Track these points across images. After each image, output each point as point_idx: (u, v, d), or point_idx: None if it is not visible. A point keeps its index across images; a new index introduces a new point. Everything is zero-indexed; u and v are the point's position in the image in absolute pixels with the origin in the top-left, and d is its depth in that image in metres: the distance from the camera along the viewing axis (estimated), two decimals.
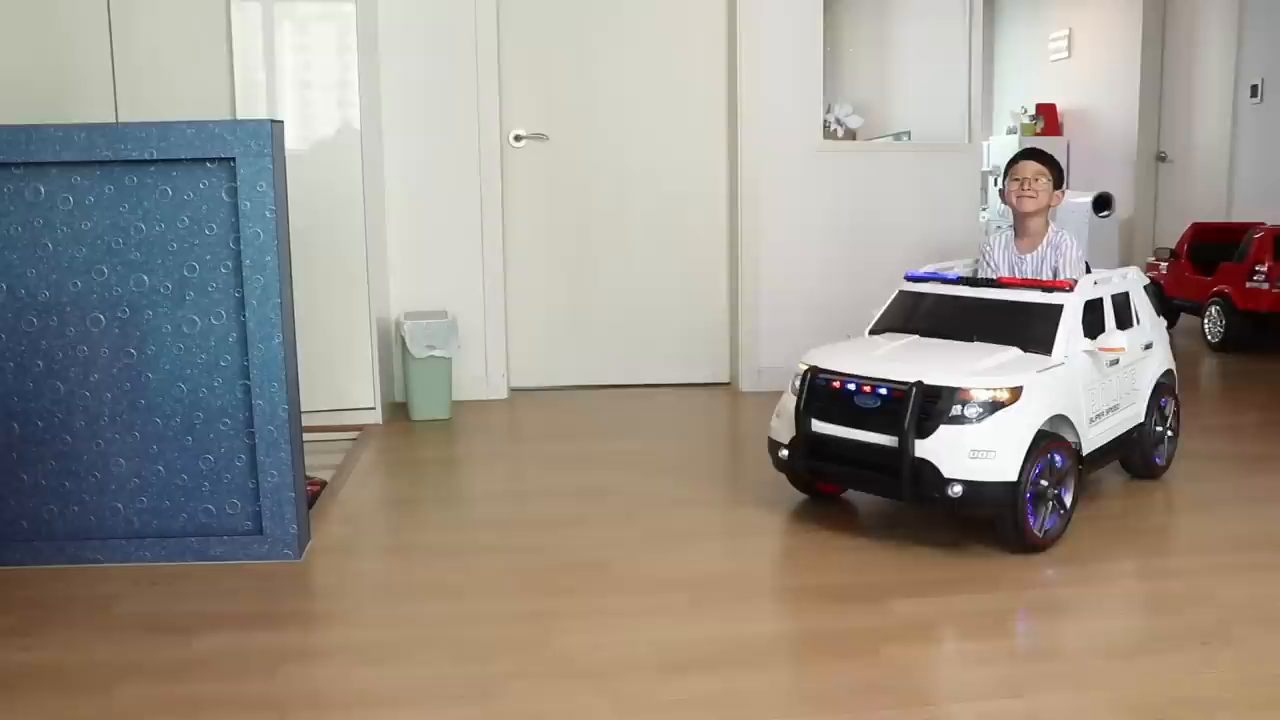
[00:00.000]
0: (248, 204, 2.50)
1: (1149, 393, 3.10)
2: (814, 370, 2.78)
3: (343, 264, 3.92)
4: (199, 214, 2.53)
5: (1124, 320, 3.00)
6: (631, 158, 4.57)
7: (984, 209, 8.63)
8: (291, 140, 3.81)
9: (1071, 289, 2.82)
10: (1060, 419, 2.69)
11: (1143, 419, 3.07)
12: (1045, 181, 3.10)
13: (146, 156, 2.48)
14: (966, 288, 2.98)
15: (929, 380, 2.58)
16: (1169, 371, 3.24)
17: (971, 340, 2.83)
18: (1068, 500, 2.67)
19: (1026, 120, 8.15)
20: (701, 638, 2.21)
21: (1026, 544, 2.58)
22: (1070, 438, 2.72)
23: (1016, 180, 3.12)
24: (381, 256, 4.21)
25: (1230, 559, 2.62)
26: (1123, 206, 7.33)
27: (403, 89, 4.28)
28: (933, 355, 2.76)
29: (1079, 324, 2.78)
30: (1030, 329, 2.78)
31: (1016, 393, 2.57)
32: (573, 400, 4.49)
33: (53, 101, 3.68)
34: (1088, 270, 3.14)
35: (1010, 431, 2.54)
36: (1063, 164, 3.29)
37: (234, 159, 2.49)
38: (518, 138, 4.46)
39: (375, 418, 4.02)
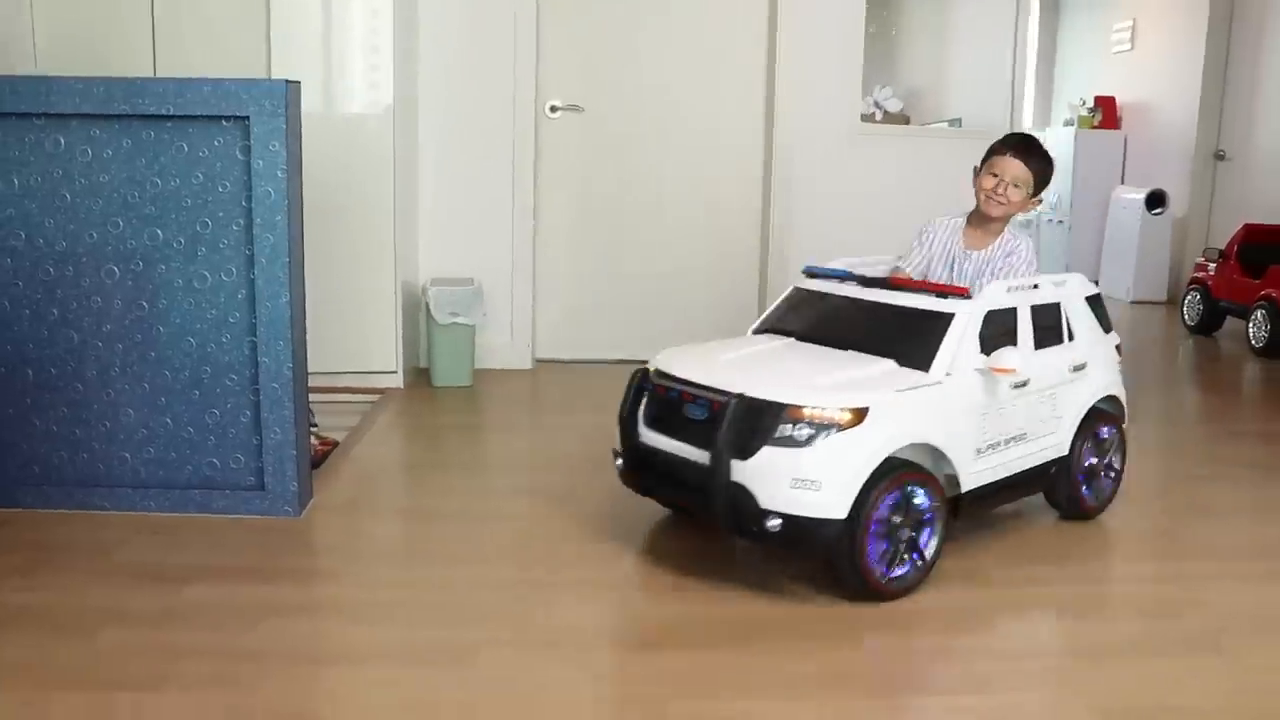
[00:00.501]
0: (260, 163, 2.53)
1: (1077, 421, 2.67)
2: (644, 373, 2.49)
3: (372, 228, 3.95)
4: (213, 171, 2.57)
5: (1049, 336, 2.60)
6: (667, 132, 4.56)
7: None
8: (326, 102, 3.88)
9: (969, 296, 2.44)
10: (925, 449, 2.31)
11: (1066, 451, 2.66)
12: (1023, 191, 2.73)
13: (163, 112, 2.52)
14: (857, 287, 2.60)
15: (753, 393, 2.21)
16: (1112, 398, 2.81)
17: (847, 349, 2.45)
18: (931, 546, 2.31)
19: (1084, 113, 7.98)
20: (686, 614, 2.21)
21: (869, 591, 2.24)
22: (944, 470, 2.36)
23: (993, 175, 2.74)
24: (411, 222, 4.24)
25: (1235, 566, 2.57)
26: (1177, 204, 7.17)
27: (439, 55, 4.29)
28: (784, 364, 2.42)
29: (973, 338, 2.37)
30: (913, 340, 2.39)
31: (859, 414, 2.17)
32: (597, 373, 4.48)
33: (95, 58, 3.73)
34: None
35: (843, 460, 2.15)
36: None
37: (248, 117, 2.52)
38: (553, 108, 4.47)
39: (397, 382, 4.06)
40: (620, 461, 2.54)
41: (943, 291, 2.47)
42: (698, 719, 1.83)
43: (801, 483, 2.15)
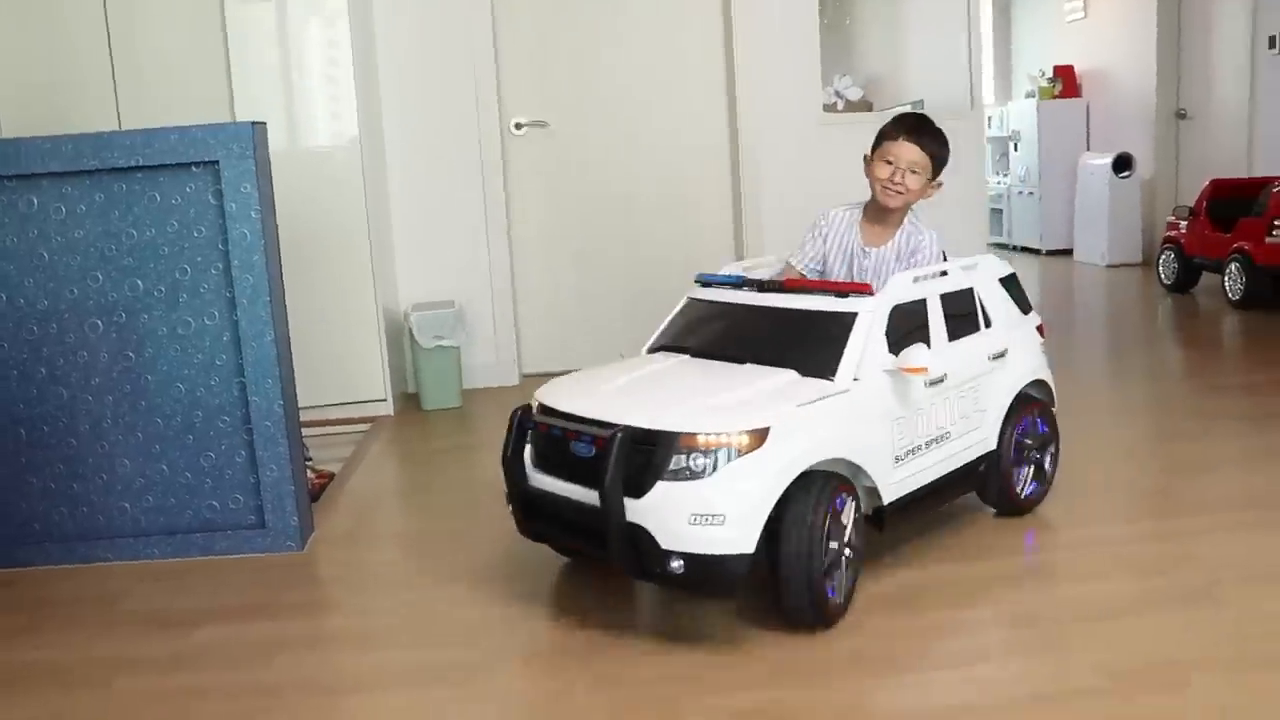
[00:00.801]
0: (233, 205, 2.55)
1: (1002, 412, 2.52)
2: (525, 409, 2.28)
3: (349, 258, 3.98)
4: (187, 218, 2.59)
5: (964, 325, 2.45)
6: (633, 141, 4.59)
7: (1002, 177, 8.56)
8: (291, 138, 3.90)
9: (869, 292, 2.25)
10: (839, 463, 2.13)
11: (994, 445, 2.51)
12: (921, 176, 2.52)
13: (133, 164, 2.54)
14: (752, 293, 2.41)
15: (640, 423, 2.01)
16: (1039, 382, 2.66)
17: (745, 362, 2.25)
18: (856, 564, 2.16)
19: (1044, 83, 8.06)
20: (687, 614, 2.24)
21: (823, 617, 2.08)
22: (862, 483, 2.20)
23: (887, 163, 2.52)
24: (387, 249, 4.27)
25: (1224, 518, 2.61)
26: (1144, 166, 7.25)
27: (400, 83, 4.32)
28: (674, 386, 2.22)
29: (879, 338, 2.20)
30: (814, 346, 2.20)
31: (759, 436, 1.97)
32: None
33: (55, 110, 3.75)
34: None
35: (746, 488, 1.96)
36: (942, 144, 2.49)
37: (218, 162, 2.54)
38: (518, 125, 4.50)
39: (387, 409, 4.08)
40: (512, 508, 2.32)
41: (843, 290, 2.28)
42: (713, 714, 1.85)
43: (702, 518, 1.95)
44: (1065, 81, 8.03)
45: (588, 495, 2.05)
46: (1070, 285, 6.87)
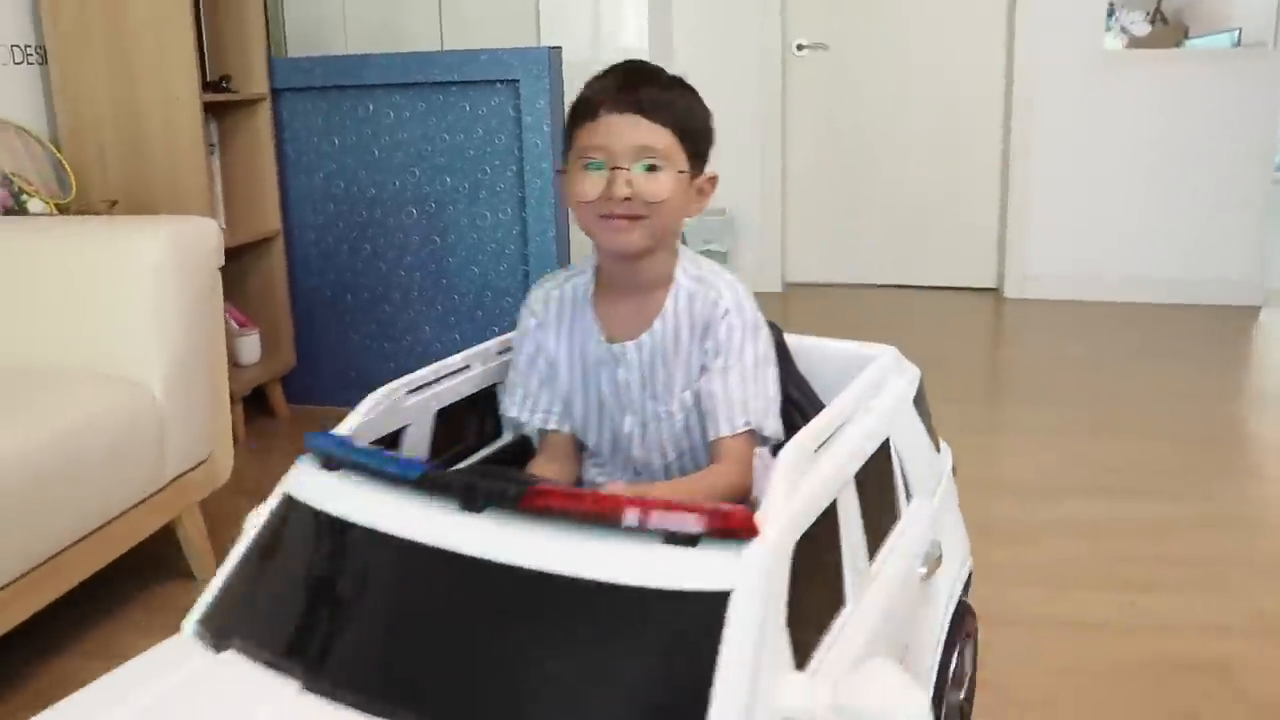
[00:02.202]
0: (529, 118, 2.97)
1: (937, 654, 1.34)
2: None
3: None
4: (490, 126, 3.03)
5: (881, 518, 1.23)
6: (910, 66, 4.70)
7: None
8: (592, 50, 4.29)
9: (749, 531, 0.89)
10: None
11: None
12: (668, 171, 1.31)
13: (450, 79, 3.01)
14: (450, 512, 0.98)
15: None
16: (967, 581, 1.52)
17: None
18: None
19: None
20: None
21: None
22: None
23: (593, 165, 1.30)
24: None
25: None
26: None
27: None
28: None
29: (780, 643, 0.89)
30: (623, 682, 0.88)
31: None
32: (841, 297, 4.76)
33: (392, 30, 4.29)
34: (782, 353, 1.50)
35: None
36: None
37: (518, 80, 2.96)
38: (800, 46, 4.71)
39: None
40: None
41: (707, 525, 0.89)
42: None
43: None
44: None
45: None
46: None
